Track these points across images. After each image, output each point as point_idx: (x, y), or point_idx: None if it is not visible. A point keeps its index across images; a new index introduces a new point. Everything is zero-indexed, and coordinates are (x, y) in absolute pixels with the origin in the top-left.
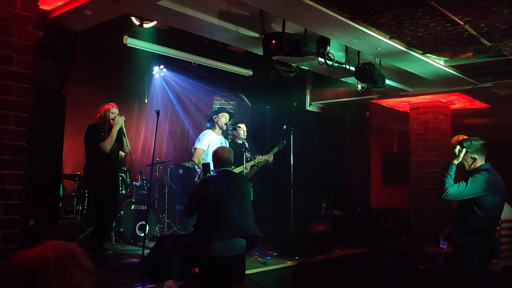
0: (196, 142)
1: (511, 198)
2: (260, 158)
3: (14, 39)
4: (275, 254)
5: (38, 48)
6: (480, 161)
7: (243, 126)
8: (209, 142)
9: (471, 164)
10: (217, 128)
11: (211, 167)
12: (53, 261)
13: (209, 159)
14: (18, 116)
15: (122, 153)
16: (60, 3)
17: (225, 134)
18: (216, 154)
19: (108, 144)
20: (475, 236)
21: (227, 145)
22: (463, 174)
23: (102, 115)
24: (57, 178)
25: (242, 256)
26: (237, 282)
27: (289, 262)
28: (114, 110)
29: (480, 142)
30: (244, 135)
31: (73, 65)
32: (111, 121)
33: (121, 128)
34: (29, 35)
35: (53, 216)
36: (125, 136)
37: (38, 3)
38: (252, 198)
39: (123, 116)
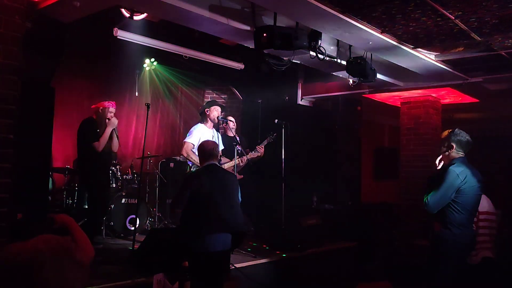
0: (187, 135)
1: (490, 190)
2: (252, 154)
3: (1, 30)
4: (265, 247)
5: (26, 39)
6: (455, 153)
7: (231, 119)
8: (200, 136)
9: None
10: (209, 121)
11: (198, 161)
12: (49, 254)
13: None
14: (5, 109)
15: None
16: None
17: (216, 127)
18: (201, 147)
19: (102, 143)
20: (451, 230)
21: (220, 139)
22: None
23: (100, 111)
24: (46, 171)
25: (229, 252)
26: (223, 277)
27: (279, 256)
28: (112, 109)
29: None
30: (233, 128)
31: (61, 57)
32: (107, 120)
33: (114, 129)
34: (17, 26)
35: (41, 209)
36: (117, 137)
37: None
38: (240, 200)
39: (117, 119)
